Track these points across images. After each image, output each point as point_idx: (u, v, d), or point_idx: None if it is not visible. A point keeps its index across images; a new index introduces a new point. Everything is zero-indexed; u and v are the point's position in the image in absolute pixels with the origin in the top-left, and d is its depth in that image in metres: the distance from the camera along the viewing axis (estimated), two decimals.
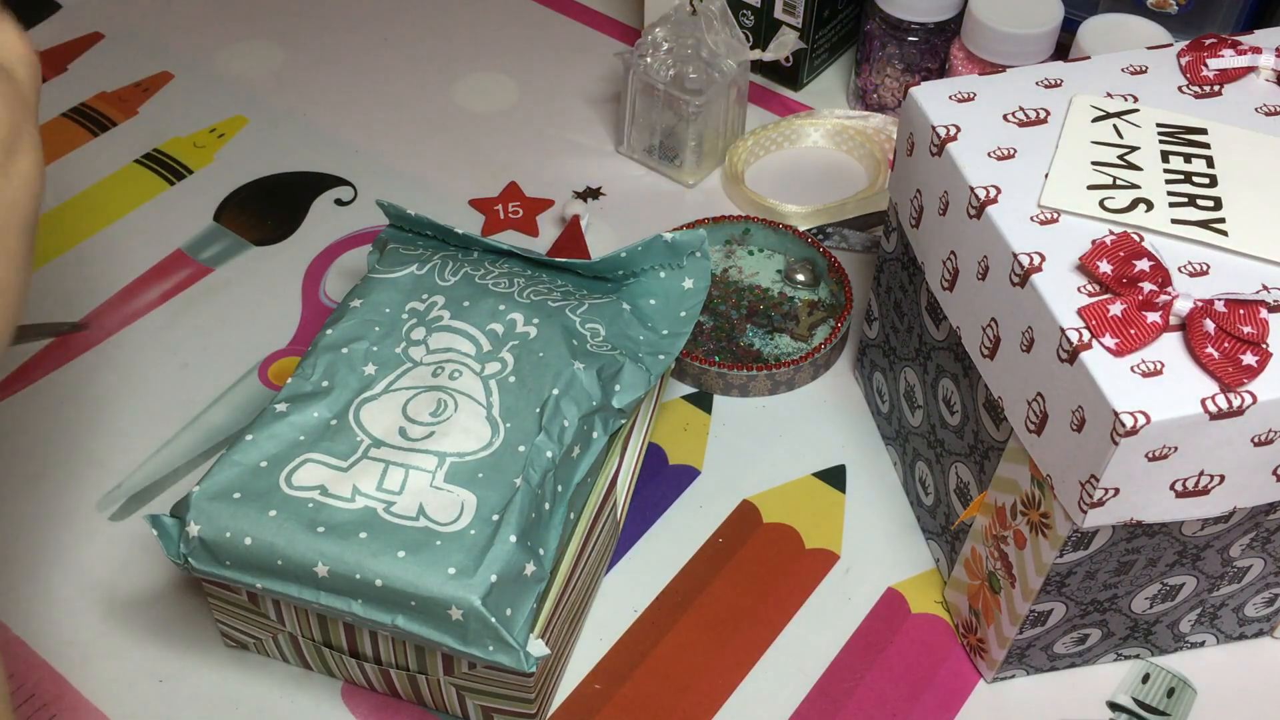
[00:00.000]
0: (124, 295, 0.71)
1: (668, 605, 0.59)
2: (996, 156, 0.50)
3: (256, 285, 0.71)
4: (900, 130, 0.55)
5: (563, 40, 0.87)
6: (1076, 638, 0.54)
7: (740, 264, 0.72)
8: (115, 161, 0.78)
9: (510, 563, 0.47)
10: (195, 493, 0.49)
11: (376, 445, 0.51)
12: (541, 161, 0.79)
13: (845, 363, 0.69)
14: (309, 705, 0.55)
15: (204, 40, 0.86)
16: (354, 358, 0.54)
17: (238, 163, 0.78)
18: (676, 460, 0.64)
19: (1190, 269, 0.46)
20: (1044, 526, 0.48)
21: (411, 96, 0.83)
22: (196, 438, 0.64)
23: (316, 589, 0.48)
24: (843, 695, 0.56)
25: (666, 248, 0.58)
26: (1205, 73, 0.53)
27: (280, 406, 0.52)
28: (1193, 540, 0.49)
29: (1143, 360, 0.43)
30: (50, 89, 0.82)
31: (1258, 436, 0.43)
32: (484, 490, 0.49)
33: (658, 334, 0.58)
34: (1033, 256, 0.46)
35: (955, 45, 0.73)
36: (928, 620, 0.58)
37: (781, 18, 0.79)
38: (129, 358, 0.68)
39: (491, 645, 0.46)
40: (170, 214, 0.75)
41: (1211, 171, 0.49)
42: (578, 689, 0.56)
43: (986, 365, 0.50)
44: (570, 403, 0.52)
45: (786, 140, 0.80)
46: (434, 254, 0.59)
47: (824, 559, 0.60)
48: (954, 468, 0.56)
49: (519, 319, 0.55)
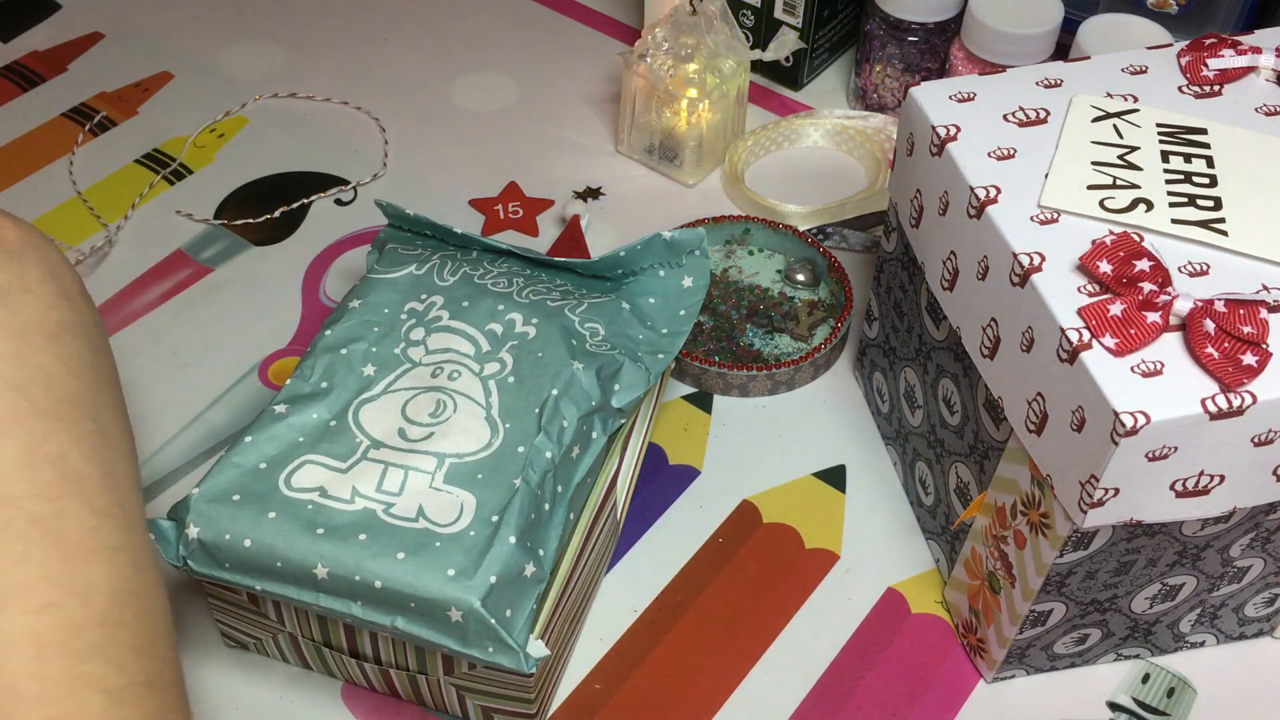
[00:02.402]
0: (124, 295, 0.71)
1: (668, 605, 0.59)
2: (996, 156, 0.50)
3: (256, 285, 0.71)
4: (900, 130, 0.55)
5: (563, 40, 0.87)
6: (1076, 638, 0.54)
7: (740, 264, 0.72)
8: (115, 161, 0.78)
9: (510, 564, 0.47)
10: (194, 495, 0.49)
11: (376, 446, 0.51)
12: (541, 161, 0.79)
13: (845, 363, 0.69)
14: (309, 705, 0.55)
15: (204, 40, 0.86)
16: (353, 358, 0.54)
17: (238, 163, 0.78)
18: (676, 460, 0.64)
19: (1190, 269, 0.46)
20: (1044, 526, 0.48)
21: (411, 96, 0.83)
22: (196, 438, 0.64)
23: (316, 591, 0.48)
24: (843, 695, 0.56)
25: (666, 246, 0.58)
26: (1205, 73, 0.53)
27: (279, 408, 0.52)
28: (1193, 540, 0.49)
29: (1143, 360, 0.43)
30: (50, 89, 0.82)
31: (1258, 436, 0.43)
32: (483, 491, 0.49)
33: (657, 333, 0.58)
34: (1033, 256, 0.46)
35: (955, 45, 0.73)
36: (928, 620, 0.58)
37: (781, 18, 0.79)
38: (129, 358, 0.68)
39: (491, 646, 0.46)
40: (170, 214, 0.75)
41: (1211, 171, 0.49)
42: (578, 689, 0.56)
43: (986, 365, 0.50)
44: (569, 403, 0.52)
45: (786, 140, 0.80)
46: (433, 254, 0.59)
47: (824, 559, 0.60)
48: (954, 468, 0.56)
49: (518, 319, 0.55)
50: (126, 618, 0.35)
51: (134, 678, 0.35)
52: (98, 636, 0.34)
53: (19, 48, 0.85)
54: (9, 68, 0.84)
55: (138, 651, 0.35)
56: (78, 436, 0.37)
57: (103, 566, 0.35)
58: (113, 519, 0.36)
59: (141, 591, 0.36)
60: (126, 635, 0.35)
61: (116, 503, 0.37)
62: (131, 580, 0.36)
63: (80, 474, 0.36)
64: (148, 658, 0.36)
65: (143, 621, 0.36)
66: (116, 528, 0.36)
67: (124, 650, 0.35)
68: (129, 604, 0.36)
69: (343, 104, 0.82)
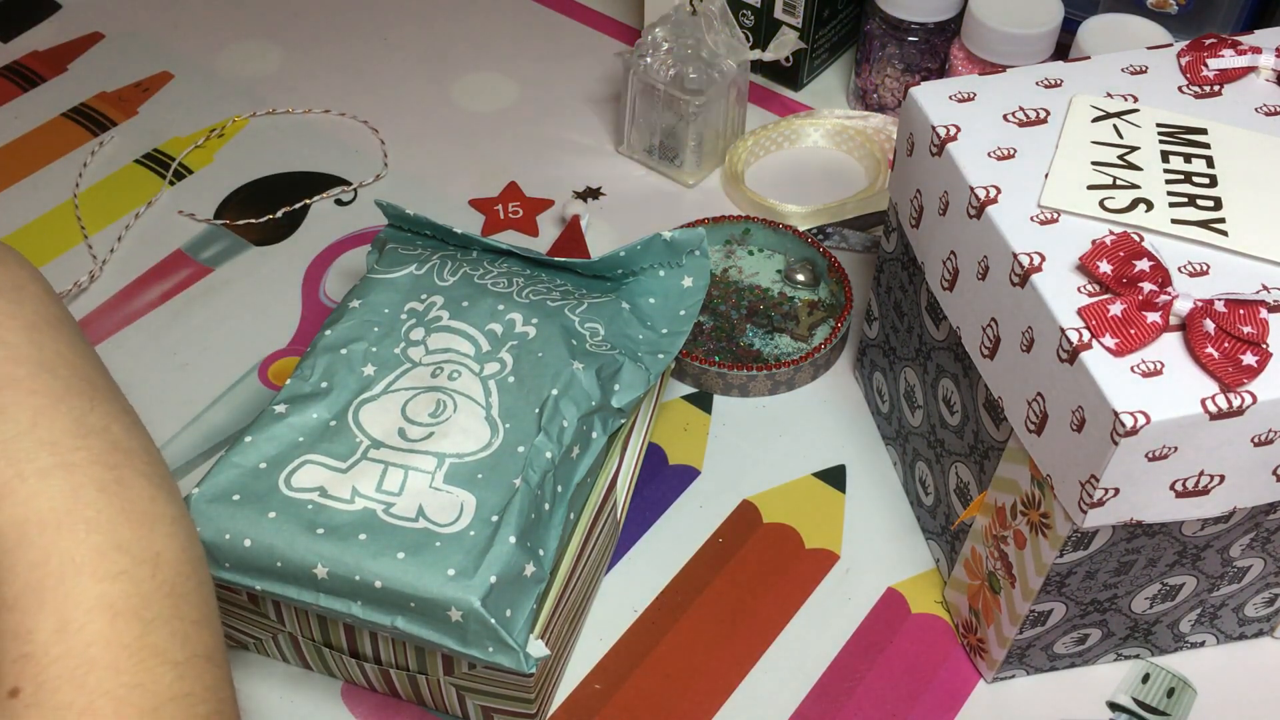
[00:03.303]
0: (124, 295, 0.71)
1: (668, 605, 0.59)
2: (996, 156, 0.50)
3: (256, 285, 0.71)
4: (900, 130, 0.55)
5: (563, 40, 0.87)
6: (1076, 638, 0.54)
7: (740, 264, 0.72)
8: (115, 161, 0.78)
9: (510, 563, 0.47)
10: (194, 495, 0.49)
11: (376, 446, 0.51)
12: (541, 161, 0.79)
13: (845, 363, 0.69)
14: (309, 705, 0.55)
15: (204, 40, 0.86)
16: (353, 358, 0.54)
17: (238, 163, 0.78)
18: (676, 460, 0.64)
19: (1190, 269, 0.46)
20: (1044, 526, 0.48)
21: (411, 96, 0.83)
22: (196, 438, 0.64)
23: (316, 591, 0.48)
24: (843, 695, 0.56)
25: (665, 246, 0.58)
26: (1205, 73, 0.53)
27: (279, 408, 0.52)
28: (1193, 540, 0.49)
29: (1143, 360, 0.43)
30: (50, 89, 0.82)
31: (1258, 436, 0.43)
32: (483, 491, 0.49)
33: (657, 333, 0.58)
34: (1033, 256, 0.46)
35: (955, 45, 0.73)
36: (928, 620, 0.58)
37: (781, 18, 0.79)
38: (129, 358, 0.68)
39: (491, 646, 0.46)
40: (170, 214, 0.75)
41: (1211, 171, 0.49)
42: (578, 689, 0.56)
43: (986, 365, 0.50)
44: (569, 403, 0.52)
45: (786, 140, 0.80)
46: (433, 254, 0.59)
47: (824, 559, 0.60)
48: (954, 468, 0.56)
49: (518, 319, 0.55)
50: (189, 589, 0.36)
51: (195, 650, 0.35)
52: (164, 607, 0.35)
53: (19, 48, 0.85)
54: (9, 68, 0.84)
55: (198, 624, 0.35)
56: (112, 413, 0.37)
57: (165, 537, 0.35)
58: (166, 489, 0.36)
59: (197, 564, 0.37)
60: (188, 607, 0.35)
61: (162, 474, 0.37)
62: (190, 551, 0.36)
63: (127, 445, 0.36)
64: (206, 630, 0.36)
65: (201, 593, 0.36)
66: (171, 498, 0.36)
67: (187, 623, 0.35)
68: (190, 575, 0.36)
69: (342, 104, 0.82)
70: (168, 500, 0.36)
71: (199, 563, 0.37)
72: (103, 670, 0.33)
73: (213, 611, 0.37)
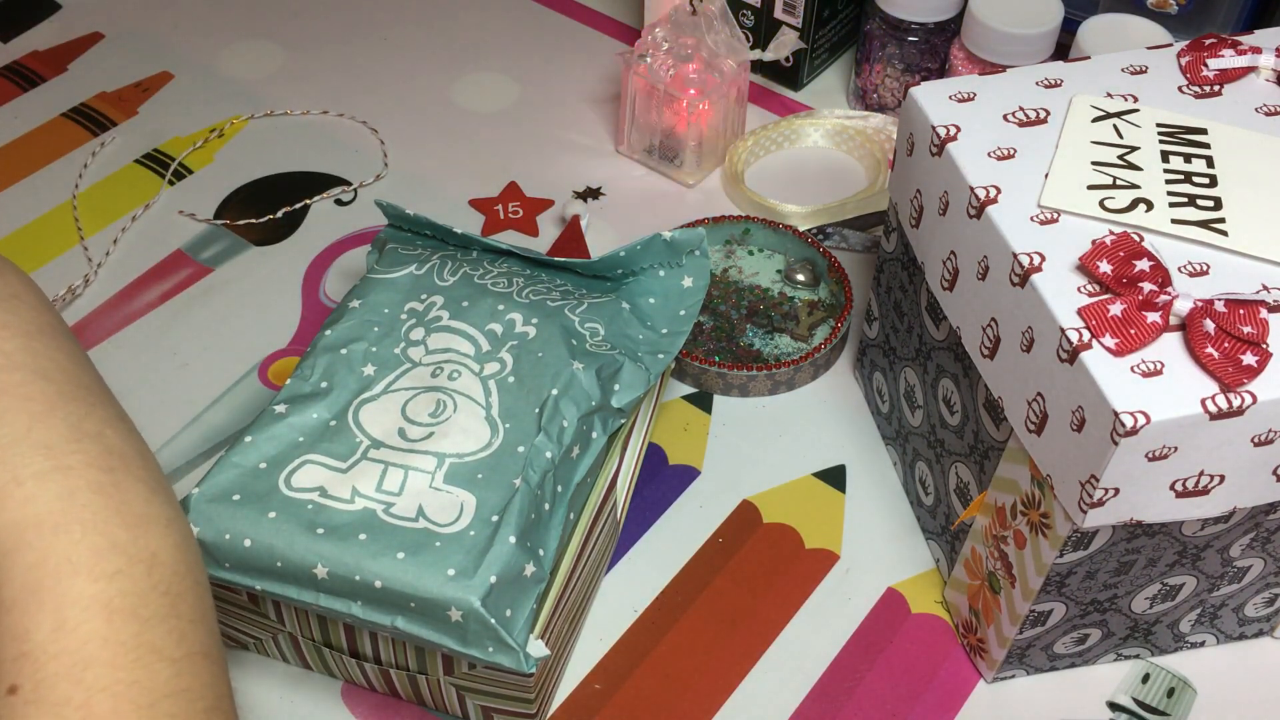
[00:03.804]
0: (124, 295, 0.71)
1: (668, 605, 0.59)
2: (996, 156, 0.50)
3: (256, 285, 0.71)
4: (900, 130, 0.55)
5: (563, 40, 0.87)
6: (1076, 638, 0.54)
7: (740, 264, 0.72)
8: (115, 161, 0.78)
9: (510, 563, 0.47)
10: (194, 495, 0.49)
11: (376, 446, 0.51)
12: (541, 161, 0.79)
13: (845, 363, 0.69)
14: (309, 705, 0.55)
15: (204, 40, 0.86)
16: (353, 358, 0.54)
17: (238, 163, 0.78)
18: (676, 460, 0.64)
19: (1190, 269, 0.46)
20: (1044, 526, 0.48)
21: (411, 96, 0.83)
22: (196, 438, 0.64)
23: (316, 591, 0.48)
24: (843, 695, 0.56)
25: (665, 246, 0.58)
26: (1205, 73, 0.53)
27: (279, 408, 0.52)
28: (1193, 540, 0.49)
29: (1143, 360, 0.43)
30: (50, 89, 0.82)
31: (1258, 436, 0.43)
32: (483, 491, 0.49)
33: (657, 333, 0.58)
34: (1033, 256, 0.46)
35: (955, 45, 0.73)
36: (928, 620, 0.58)
37: (781, 18, 0.79)
38: (129, 358, 0.68)
39: (491, 646, 0.46)
40: (170, 214, 0.75)
41: (1211, 171, 0.49)
42: (578, 689, 0.56)
43: (986, 365, 0.50)
44: (569, 403, 0.52)
45: (786, 140, 0.80)
46: (433, 254, 0.59)
47: (824, 559, 0.60)
48: (954, 468, 0.56)
49: (518, 319, 0.55)
50: (184, 588, 0.36)
51: (192, 647, 0.36)
52: (160, 605, 0.35)
53: (19, 48, 0.85)
54: (9, 68, 0.84)
55: (194, 623, 0.36)
56: (107, 419, 0.38)
57: (160, 537, 0.36)
58: (160, 492, 0.37)
59: (193, 563, 0.37)
60: (184, 606, 0.36)
61: (157, 478, 0.38)
62: (185, 551, 0.37)
63: (122, 450, 0.37)
64: (202, 628, 0.36)
65: (197, 592, 0.37)
66: (166, 500, 0.37)
67: (183, 621, 0.36)
68: (185, 575, 0.36)
69: (342, 104, 0.82)
70: (163, 502, 0.37)
71: (194, 562, 0.37)
72: (100, 667, 0.33)
73: (209, 610, 0.38)
